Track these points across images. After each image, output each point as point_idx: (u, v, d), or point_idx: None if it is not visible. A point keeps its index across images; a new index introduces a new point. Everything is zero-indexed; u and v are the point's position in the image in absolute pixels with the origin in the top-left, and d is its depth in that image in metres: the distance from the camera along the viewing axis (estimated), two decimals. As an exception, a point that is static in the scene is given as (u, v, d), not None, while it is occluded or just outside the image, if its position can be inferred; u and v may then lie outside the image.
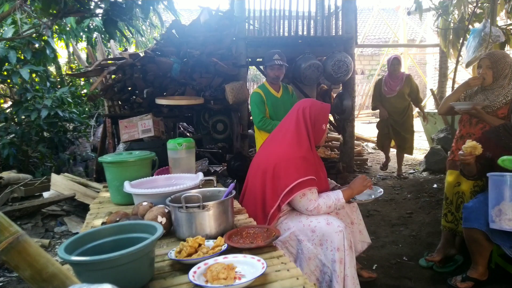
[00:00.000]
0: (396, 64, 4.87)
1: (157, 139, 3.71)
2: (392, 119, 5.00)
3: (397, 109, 4.96)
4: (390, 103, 4.96)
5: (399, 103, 4.94)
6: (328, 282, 1.86)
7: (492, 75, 2.49)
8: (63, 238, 3.54)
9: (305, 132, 2.04)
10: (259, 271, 1.16)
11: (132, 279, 1.11)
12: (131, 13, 3.48)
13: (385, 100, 5.01)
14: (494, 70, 2.48)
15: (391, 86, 4.91)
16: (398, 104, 4.95)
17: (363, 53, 16.49)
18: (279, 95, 3.37)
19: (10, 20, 4.67)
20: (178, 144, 2.19)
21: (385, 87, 4.96)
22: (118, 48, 7.22)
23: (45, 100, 5.03)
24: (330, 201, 1.97)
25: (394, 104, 4.94)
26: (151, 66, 3.89)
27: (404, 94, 4.88)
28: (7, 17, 3.87)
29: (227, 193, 1.60)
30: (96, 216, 1.88)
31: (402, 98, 4.90)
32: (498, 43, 4.04)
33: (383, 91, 4.97)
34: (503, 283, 2.41)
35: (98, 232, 1.26)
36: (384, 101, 5.02)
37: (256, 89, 3.35)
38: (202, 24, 4.11)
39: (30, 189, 4.19)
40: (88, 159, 5.82)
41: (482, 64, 2.53)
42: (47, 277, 0.87)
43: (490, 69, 2.49)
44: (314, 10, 5.12)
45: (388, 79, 4.95)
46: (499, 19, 5.11)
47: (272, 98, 3.32)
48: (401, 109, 4.97)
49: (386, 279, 2.58)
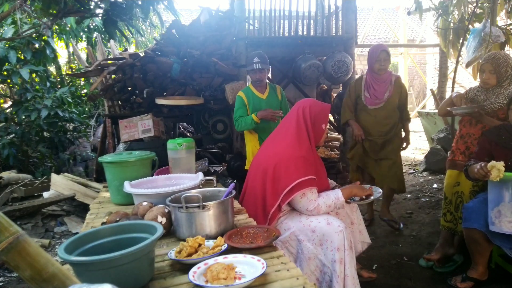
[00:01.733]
0: (384, 59, 3.20)
1: (157, 139, 3.72)
2: (372, 142, 3.34)
3: (381, 127, 3.31)
4: (372, 118, 3.31)
5: (386, 119, 3.30)
6: (328, 282, 1.86)
7: (496, 79, 2.50)
8: (63, 238, 3.54)
9: (305, 132, 2.04)
10: (259, 271, 1.16)
11: (132, 279, 1.11)
12: (131, 13, 3.48)
13: (364, 113, 3.35)
14: (498, 74, 2.49)
15: (375, 93, 3.27)
16: (384, 120, 3.30)
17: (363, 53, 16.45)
18: (265, 96, 3.25)
19: (10, 20, 4.67)
20: (178, 144, 2.19)
21: (366, 92, 3.31)
22: (118, 48, 7.21)
23: (45, 100, 5.03)
24: (329, 200, 1.97)
25: (379, 120, 3.30)
26: (151, 66, 3.89)
27: (393, 104, 3.29)
28: (7, 17, 3.87)
29: (227, 193, 1.60)
30: (96, 216, 1.88)
31: (390, 110, 3.30)
32: (498, 43, 4.04)
33: (363, 99, 3.32)
34: (503, 283, 2.41)
35: (98, 232, 1.26)
36: (363, 114, 3.36)
37: (239, 92, 3.25)
38: (202, 24, 4.11)
39: (30, 189, 4.19)
40: (88, 159, 5.83)
41: (485, 69, 2.52)
42: (47, 277, 0.87)
43: (493, 73, 2.49)
44: (314, 10, 5.11)
45: (371, 81, 3.29)
46: (499, 19, 5.11)
47: (256, 100, 3.21)
48: (388, 127, 3.31)
49: (386, 279, 2.58)
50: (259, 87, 3.22)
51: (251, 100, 3.18)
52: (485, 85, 2.55)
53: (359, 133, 3.33)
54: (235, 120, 3.16)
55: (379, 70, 3.23)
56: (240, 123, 3.11)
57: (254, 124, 3.04)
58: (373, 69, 3.28)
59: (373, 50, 3.26)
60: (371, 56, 3.26)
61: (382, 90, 3.27)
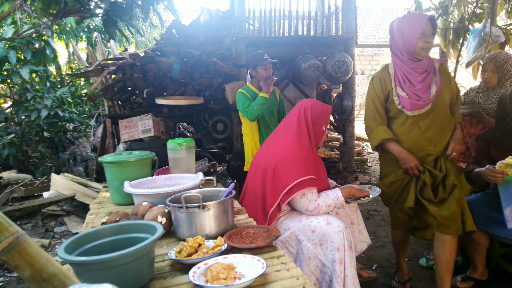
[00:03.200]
0: (430, 35, 2.01)
1: (157, 139, 3.72)
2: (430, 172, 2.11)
3: (433, 144, 2.11)
4: (416, 130, 2.11)
5: (438, 130, 2.11)
6: (328, 282, 1.86)
7: (498, 79, 2.51)
8: (63, 238, 3.54)
9: (306, 132, 2.04)
10: (259, 271, 1.16)
11: (132, 279, 1.11)
12: (131, 13, 3.48)
13: (399, 123, 2.16)
14: (500, 74, 2.50)
15: (414, 89, 2.06)
16: (436, 131, 2.10)
17: (363, 53, 16.48)
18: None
19: (10, 20, 4.67)
20: (178, 144, 2.19)
21: (400, 89, 2.11)
22: (118, 48, 7.22)
23: (45, 100, 5.03)
24: (329, 200, 1.97)
25: (425, 131, 2.10)
26: (151, 66, 3.89)
27: (445, 104, 2.12)
28: (7, 17, 3.87)
29: (227, 193, 1.60)
30: (96, 216, 1.88)
31: (443, 115, 2.12)
32: (498, 43, 4.04)
33: (396, 100, 2.12)
34: (503, 283, 2.41)
35: (98, 232, 1.26)
36: (398, 124, 2.17)
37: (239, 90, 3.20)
38: (202, 24, 4.11)
39: (30, 189, 4.20)
40: (88, 159, 5.83)
41: (487, 68, 2.53)
42: (47, 277, 0.87)
43: (495, 73, 2.51)
44: (314, 10, 5.11)
45: (405, 72, 2.09)
46: (499, 19, 5.11)
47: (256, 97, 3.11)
48: (444, 143, 2.12)
49: (386, 279, 2.59)
50: (258, 86, 3.20)
51: (252, 97, 3.17)
52: (486, 84, 2.56)
53: (414, 163, 2.06)
54: (245, 110, 3.02)
55: (422, 50, 2.01)
56: (253, 109, 2.97)
57: (266, 100, 2.94)
58: (410, 51, 2.03)
59: (413, 20, 2.01)
60: (410, 30, 1.99)
61: (425, 83, 2.06)
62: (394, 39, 2.08)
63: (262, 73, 3.10)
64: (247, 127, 3.17)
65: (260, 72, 3.11)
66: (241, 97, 3.08)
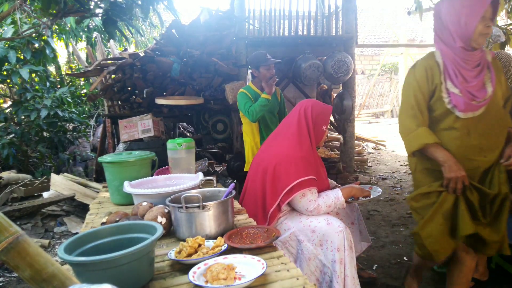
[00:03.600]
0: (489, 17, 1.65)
1: (157, 139, 3.72)
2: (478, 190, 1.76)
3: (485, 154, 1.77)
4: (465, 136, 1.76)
5: (492, 136, 1.78)
6: (328, 283, 1.86)
7: None
8: (63, 238, 3.54)
9: (306, 132, 2.04)
10: (259, 271, 1.16)
11: (132, 279, 1.11)
12: (131, 13, 3.48)
13: (447, 127, 1.78)
14: None
15: (468, 86, 1.70)
16: (490, 137, 1.77)
17: (363, 53, 16.48)
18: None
19: (10, 20, 4.67)
20: (178, 144, 2.19)
21: (452, 85, 1.72)
22: (118, 48, 7.22)
23: (45, 100, 5.03)
24: (329, 200, 1.97)
25: (477, 138, 1.75)
26: (151, 66, 3.89)
27: (498, 105, 1.80)
28: (7, 17, 3.87)
29: (227, 193, 1.59)
30: (96, 216, 1.88)
31: (498, 118, 1.78)
32: (498, 43, 4.03)
33: (446, 98, 1.74)
34: (503, 283, 2.41)
35: (98, 232, 1.25)
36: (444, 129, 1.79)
37: (240, 89, 3.18)
38: (202, 24, 4.11)
39: (29, 189, 4.19)
40: (88, 159, 5.83)
41: None
42: (47, 277, 0.87)
43: None
44: (314, 10, 5.11)
45: (456, 65, 1.71)
46: (499, 19, 5.11)
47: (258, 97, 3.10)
48: (497, 151, 1.78)
49: (386, 279, 2.58)
50: (260, 86, 3.18)
51: (253, 97, 3.14)
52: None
53: (462, 174, 1.69)
54: (247, 111, 2.98)
55: (480, 37, 1.66)
56: (255, 110, 2.94)
57: (268, 102, 2.92)
58: (466, 36, 1.65)
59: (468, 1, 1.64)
60: (470, 10, 1.62)
61: (480, 80, 1.71)
62: (444, 21, 1.69)
63: (265, 73, 3.04)
64: (247, 127, 3.17)
65: (263, 72, 3.05)
66: (243, 97, 3.06)
